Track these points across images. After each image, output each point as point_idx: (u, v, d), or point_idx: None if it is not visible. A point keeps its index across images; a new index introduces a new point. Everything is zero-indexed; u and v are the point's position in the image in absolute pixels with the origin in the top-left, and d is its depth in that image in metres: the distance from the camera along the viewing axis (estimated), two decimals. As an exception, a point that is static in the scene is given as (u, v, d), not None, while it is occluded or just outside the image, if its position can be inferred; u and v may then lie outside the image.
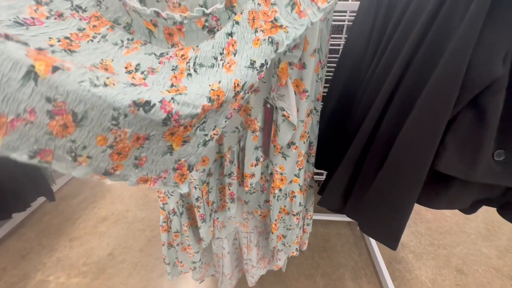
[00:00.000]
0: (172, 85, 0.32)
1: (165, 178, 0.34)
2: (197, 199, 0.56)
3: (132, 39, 0.34)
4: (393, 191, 0.44)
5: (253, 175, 0.54)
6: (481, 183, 0.41)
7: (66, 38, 0.30)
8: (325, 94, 0.65)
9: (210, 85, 0.30)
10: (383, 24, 0.52)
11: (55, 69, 0.22)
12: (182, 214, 0.61)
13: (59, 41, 0.29)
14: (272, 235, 0.62)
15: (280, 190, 0.55)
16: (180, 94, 0.28)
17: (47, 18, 0.30)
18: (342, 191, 0.55)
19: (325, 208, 0.61)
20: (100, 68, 0.30)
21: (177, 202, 0.58)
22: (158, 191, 0.58)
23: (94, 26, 0.33)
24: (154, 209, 1.37)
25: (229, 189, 0.57)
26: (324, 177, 1.15)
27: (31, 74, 0.21)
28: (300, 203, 0.55)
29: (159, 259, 1.12)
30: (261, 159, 0.54)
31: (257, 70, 0.31)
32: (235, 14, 0.33)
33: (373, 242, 1.16)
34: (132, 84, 0.27)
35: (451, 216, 1.35)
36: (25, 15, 0.29)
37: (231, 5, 0.33)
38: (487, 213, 1.35)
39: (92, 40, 0.32)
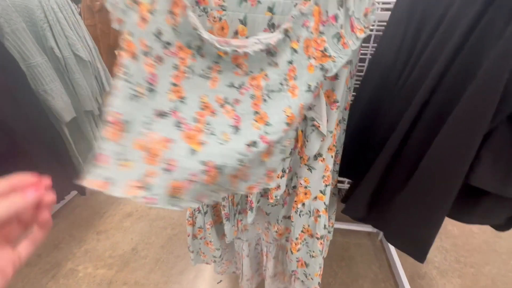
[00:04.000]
0: (255, 112, 0.39)
1: (261, 183, 0.44)
2: (223, 198, 0.58)
3: (210, 67, 0.37)
4: (423, 202, 0.44)
5: (278, 187, 0.53)
6: (517, 199, 0.40)
7: (173, 84, 0.36)
8: (351, 102, 0.66)
9: (284, 111, 0.39)
10: (415, 36, 0.52)
11: (201, 144, 0.36)
12: (207, 213, 0.64)
13: (171, 91, 0.36)
14: (292, 256, 0.61)
15: (303, 204, 0.55)
16: (267, 125, 0.39)
17: (155, 68, 0.35)
18: (367, 200, 0.55)
19: (344, 217, 0.60)
20: (205, 109, 0.38)
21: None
22: None
23: (182, 59, 0.36)
24: (175, 208, 1.42)
25: (249, 197, 0.58)
26: (345, 185, 1.14)
27: (191, 151, 0.34)
28: (325, 225, 0.55)
29: (180, 257, 1.16)
30: (287, 171, 0.54)
31: (312, 91, 0.39)
32: (290, 38, 0.38)
33: (394, 254, 1.13)
34: (235, 127, 0.38)
35: (480, 233, 1.28)
36: (146, 74, 0.34)
37: (287, 32, 0.37)
38: (521, 232, 1.26)
39: (188, 78, 0.37)
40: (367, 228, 1.27)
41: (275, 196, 0.54)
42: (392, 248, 1.16)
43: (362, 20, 0.39)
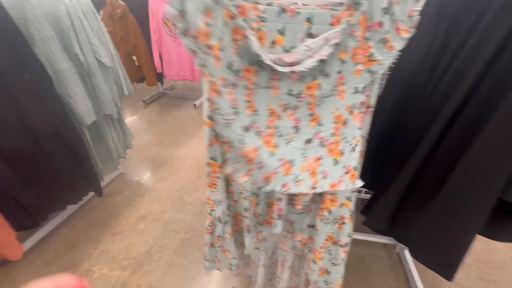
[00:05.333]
0: (310, 114, 0.47)
1: (344, 181, 0.49)
2: (245, 209, 0.58)
3: (270, 78, 0.43)
4: (454, 218, 0.42)
5: (306, 193, 0.54)
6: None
7: (247, 101, 0.45)
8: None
9: (333, 113, 0.46)
10: (443, 43, 0.51)
11: (275, 147, 0.48)
12: (227, 223, 0.63)
13: (247, 108, 0.45)
14: (314, 266, 0.60)
15: (330, 212, 0.54)
16: (319, 125, 0.47)
17: (234, 93, 0.44)
18: (390, 213, 0.54)
19: (359, 227, 0.59)
20: (272, 115, 0.47)
21: (223, 211, 0.61)
22: (208, 198, 0.61)
23: (249, 79, 0.43)
24: (188, 212, 1.43)
25: (278, 204, 0.58)
26: (362, 194, 1.11)
27: (270, 153, 0.47)
28: (349, 233, 0.54)
29: (192, 261, 1.16)
30: None
31: (360, 92, 0.45)
32: (338, 48, 0.41)
33: (412, 268, 1.08)
34: (296, 127, 0.48)
35: (505, 249, 1.21)
36: (230, 101, 0.43)
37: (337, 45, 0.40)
38: (550, 250, 1.19)
39: (256, 92, 0.45)
40: (383, 239, 1.23)
41: (303, 202, 0.54)
42: (410, 261, 1.12)
43: (406, 21, 0.40)
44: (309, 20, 0.41)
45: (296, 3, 0.46)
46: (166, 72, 2.47)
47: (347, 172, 0.49)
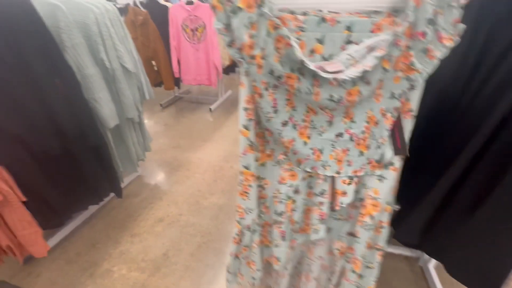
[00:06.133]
0: (345, 112, 0.49)
1: (364, 169, 0.53)
2: (280, 213, 0.58)
3: (312, 84, 0.44)
4: (498, 233, 0.39)
5: (344, 193, 0.55)
6: None
7: (287, 100, 0.50)
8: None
9: (366, 112, 0.49)
10: (483, 51, 0.49)
11: (308, 137, 0.54)
12: (255, 232, 0.63)
13: (286, 105, 0.50)
14: (352, 275, 0.59)
15: (372, 217, 0.53)
16: (352, 121, 0.50)
17: (275, 94, 0.49)
18: (424, 226, 0.52)
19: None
20: (310, 111, 0.50)
21: (253, 220, 0.60)
22: (238, 206, 0.61)
23: (291, 85, 0.46)
24: (204, 216, 1.44)
25: (320, 209, 0.57)
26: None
27: (304, 143, 0.54)
28: (385, 236, 0.53)
29: (209, 266, 1.16)
30: (355, 179, 0.56)
31: (396, 98, 0.46)
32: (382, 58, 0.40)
33: (436, 282, 1.03)
34: (329, 121, 0.51)
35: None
36: (271, 101, 0.50)
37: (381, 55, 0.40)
38: None
39: (296, 95, 0.47)
40: (405, 251, 1.19)
41: (341, 203, 0.54)
42: (434, 276, 1.07)
43: (450, 30, 0.39)
44: (349, 28, 0.41)
45: (320, 10, 0.46)
46: (184, 76, 2.52)
47: (369, 163, 0.53)
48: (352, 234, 0.60)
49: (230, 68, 2.95)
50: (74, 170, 1.09)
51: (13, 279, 1.11)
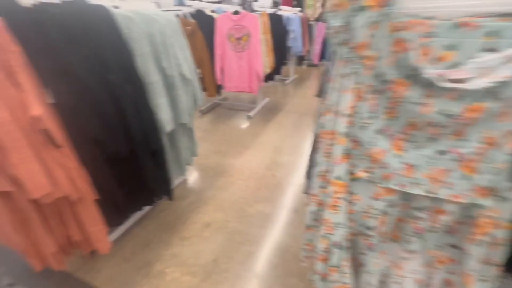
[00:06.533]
0: (456, 129, 0.44)
1: (468, 196, 0.47)
2: (369, 228, 0.54)
3: (423, 94, 0.41)
4: None
5: (446, 212, 0.50)
6: None
7: (388, 108, 0.47)
8: None
9: (482, 132, 0.42)
10: None
11: (402, 150, 0.51)
12: (346, 248, 0.58)
13: (385, 113, 0.48)
14: None
15: (487, 234, 0.47)
16: (460, 140, 0.45)
17: (377, 99, 0.47)
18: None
19: None
20: (411, 126, 0.47)
21: (341, 235, 0.56)
22: (326, 220, 0.57)
23: (397, 92, 0.44)
24: (251, 224, 1.42)
25: (417, 223, 0.54)
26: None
27: (395, 155, 0.51)
28: (503, 252, 0.47)
29: (259, 277, 1.13)
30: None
31: None
32: None
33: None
34: (433, 139, 0.47)
35: None
36: (369, 106, 0.48)
37: None
38: None
39: (403, 105, 0.45)
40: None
41: (442, 222, 0.50)
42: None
43: None
44: (491, 34, 0.36)
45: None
46: (226, 84, 2.59)
47: (474, 189, 0.47)
48: (454, 246, 0.54)
49: (269, 76, 2.97)
50: (137, 172, 1.15)
51: (77, 272, 1.17)
